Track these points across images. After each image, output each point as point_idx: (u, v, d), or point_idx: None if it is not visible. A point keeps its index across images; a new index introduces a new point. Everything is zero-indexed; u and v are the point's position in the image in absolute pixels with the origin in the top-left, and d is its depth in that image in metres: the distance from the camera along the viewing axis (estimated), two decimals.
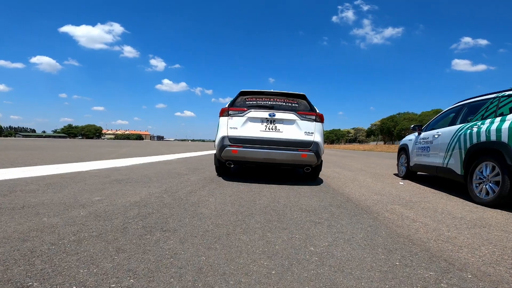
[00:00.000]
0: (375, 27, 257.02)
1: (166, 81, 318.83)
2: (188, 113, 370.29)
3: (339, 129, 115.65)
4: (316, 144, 4.14)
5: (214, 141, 4.57)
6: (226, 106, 4.34)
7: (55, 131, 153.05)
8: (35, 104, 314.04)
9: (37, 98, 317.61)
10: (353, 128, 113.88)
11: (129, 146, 22.04)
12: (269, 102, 4.38)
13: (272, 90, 4.55)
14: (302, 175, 5.53)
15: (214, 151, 4.50)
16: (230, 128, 4.17)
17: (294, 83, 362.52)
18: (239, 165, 5.05)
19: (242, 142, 4.10)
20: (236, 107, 4.29)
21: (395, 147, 53.25)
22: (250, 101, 4.38)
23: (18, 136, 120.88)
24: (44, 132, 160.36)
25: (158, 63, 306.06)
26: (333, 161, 11.85)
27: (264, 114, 4.18)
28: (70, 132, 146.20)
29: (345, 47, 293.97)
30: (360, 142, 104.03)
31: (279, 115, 4.18)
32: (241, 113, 4.20)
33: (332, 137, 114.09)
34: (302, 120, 4.20)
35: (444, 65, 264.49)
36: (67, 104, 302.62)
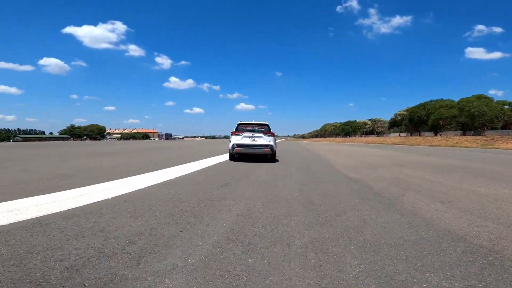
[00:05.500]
0: (381, 16, 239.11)
1: (173, 78, 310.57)
2: (197, 109, 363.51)
3: (355, 121, 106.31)
4: (271, 146, 9.86)
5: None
6: (234, 130, 10.19)
7: (61, 132, 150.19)
8: (48, 105, 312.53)
9: (49, 99, 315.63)
10: (370, 119, 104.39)
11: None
12: (252, 128, 10.20)
13: (253, 122, 10.62)
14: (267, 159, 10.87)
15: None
16: (236, 140, 9.92)
17: (299, 78, 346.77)
18: (240, 155, 10.74)
19: (241, 146, 9.82)
20: (238, 131, 10.08)
21: (432, 139, 42.54)
22: (244, 127, 10.23)
23: (17, 140, 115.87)
24: (51, 133, 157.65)
25: (164, 61, 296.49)
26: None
27: (250, 134, 9.94)
28: (73, 133, 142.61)
29: (351, 37, 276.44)
30: (379, 134, 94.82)
31: (256, 134, 9.92)
32: (240, 135, 9.98)
33: (347, 129, 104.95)
34: (265, 136, 9.91)
35: (457, 54, 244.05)
36: (79, 105, 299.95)
